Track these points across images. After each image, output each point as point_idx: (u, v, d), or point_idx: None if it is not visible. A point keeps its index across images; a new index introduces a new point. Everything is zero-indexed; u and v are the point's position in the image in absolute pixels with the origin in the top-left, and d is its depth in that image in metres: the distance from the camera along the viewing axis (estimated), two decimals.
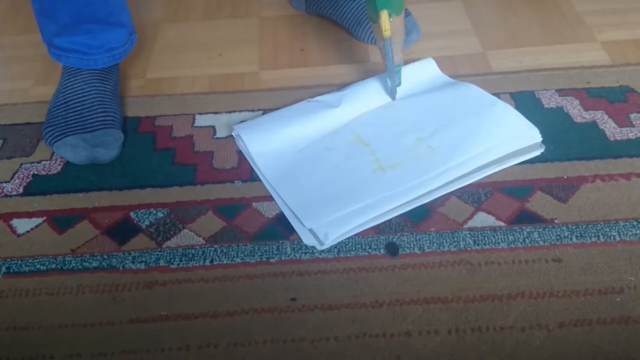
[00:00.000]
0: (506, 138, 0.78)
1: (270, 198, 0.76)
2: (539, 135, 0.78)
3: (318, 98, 0.87)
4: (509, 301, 0.63)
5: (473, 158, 0.76)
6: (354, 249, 0.69)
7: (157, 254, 0.70)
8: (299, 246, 0.70)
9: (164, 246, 0.71)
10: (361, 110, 0.85)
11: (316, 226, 0.70)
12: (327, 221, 0.70)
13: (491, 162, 0.76)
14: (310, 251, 0.69)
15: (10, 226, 0.75)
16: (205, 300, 0.66)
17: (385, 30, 0.79)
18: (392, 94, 0.86)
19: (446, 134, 0.79)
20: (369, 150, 0.79)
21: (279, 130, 0.82)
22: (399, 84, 0.86)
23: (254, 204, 0.75)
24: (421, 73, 0.90)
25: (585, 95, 0.87)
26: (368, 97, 0.86)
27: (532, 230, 0.70)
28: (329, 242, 0.69)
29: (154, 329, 0.63)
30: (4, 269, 0.70)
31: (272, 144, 0.80)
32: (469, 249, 0.69)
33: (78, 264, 0.70)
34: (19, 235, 0.74)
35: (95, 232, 0.73)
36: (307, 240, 0.70)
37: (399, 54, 0.83)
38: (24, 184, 0.80)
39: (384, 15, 0.78)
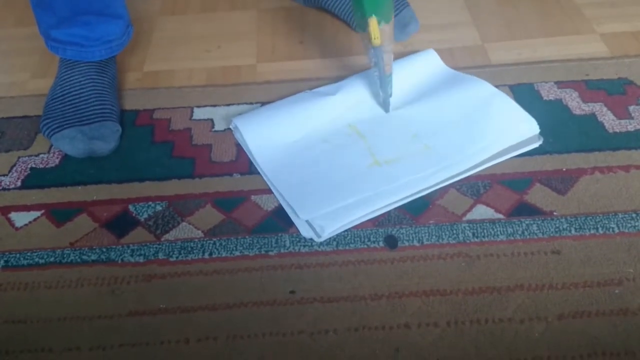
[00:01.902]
0: (504, 133, 0.78)
1: (268, 191, 0.76)
2: (537, 127, 0.78)
3: (316, 89, 0.87)
4: (508, 293, 0.63)
5: (470, 156, 0.76)
6: (352, 241, 0.69)
7: (156, 247, 0.70)
8: (297, 239, 0.70)
9: (162, 239, 0.71)
10: (359, 99, 0.84)
11: (312, 218, 0.70)
12: (323, 214, 0.70)
13: (488, 158, 0.76)
14: (309, 244, 0.69)
15: (9, 219, 0.75)
16: (204, 293, 0.66)
17: (375, 39, 0.75)
18: (385, 106, 0.83)
19: (442, 134, 0.79)
20: (364, 144, 0.79)
21: (276, 121, 0.82)
22: (391, 95, 0.83)
23: (253, 197, 0.75)
24: (422, 65, 0.89)
25: (584, 87, 0.87)
26: (366, 87, 0.86)
27: (531, 222, 0.70)
28: (326, 235, 0.69)
29: (153, 322, 0.63)
30: (2, 262, 0.70)
31: (270, 135, 0.80)
32: (468, 241, 0.69)
33: (77, 257, 0.70)
34: (17, 229, 0.74)
35: (93, 225, 0.73)
36: (305, 232, 0.70)
37: (390, 63, 0.80)
38: (22, 177, 0.80)
39: (373, 22, 0.74)
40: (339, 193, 0.72)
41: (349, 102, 0.84)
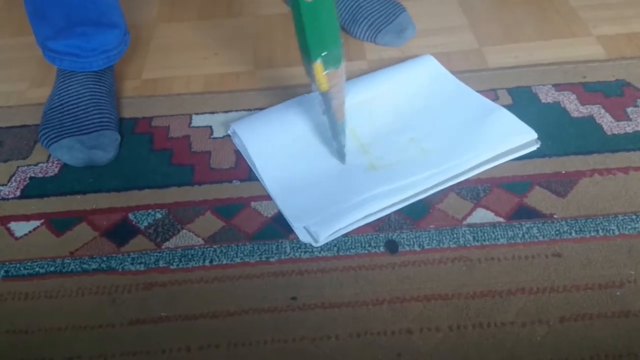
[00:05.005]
0: (500, 139, 0.78)
1: (268, 197, 0.76)
2: (535, 135, 0.78)
3: (314, 93, 0.87)
4: (510, 297, 0.63)
5: (466, 160, 0.76)
6: (353, 247, 0.69)
7: (156, 255, 0.70)
8: (298, 245, 0.70)
9: (163, 247, 0.71)
10: (355, 102, 0.84)
11: (306, 225, 0.70)
12: (317, 220, 0.70)
13: (485, 161, 0.76)
14: (310, 250, 0.69)
15: (8, 229, 0.75)
16: (205, 300, 0.65)
17: (320, 85, 0.70)
18: (340, 156, 0.78)
19: (439, 137, 0.79)
20: (362, 149, 0.79)
21: (273, 125, 0.82)
22: (344, 145, 0.76)
23: (253, 204, 0.75)
24: (420, 71, 0.89)
25: (582, 89, 0.87)
26: (363, 91, 0.85)
27: (532, 225, 0.70)
28: (322, 239, 0.69)
29: (154, 331, 0.63)
30: (2, 272, 0.70)
31: (267, 138, 0.80)
32: (468, 245, 0.69)
33: (77, 266, 0.70)
34: (16, 238, 0.73)
35: (93, 234, 0.73)
36: (304, 237, 0.70)
37: (341, 110, 0.74)
38: (21, 186, 0.80)
39: (318, 67, 0.69)
40: (334, 198, 0.72)
41: (346, 105, 0.84)
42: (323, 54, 0.68)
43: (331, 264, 0.68)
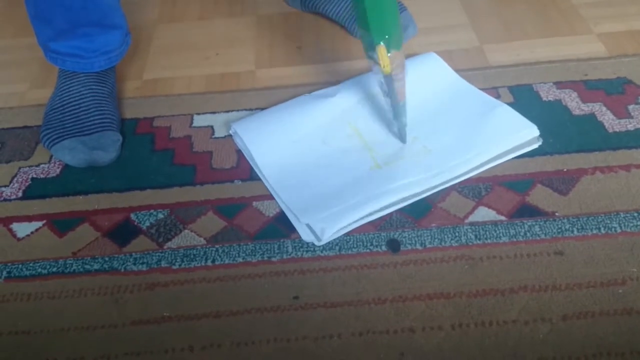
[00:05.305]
0: (503, 137, 0.78)
1: (270, 197, 0.76)
2: (537, 132, 0.78)
3: (315, 92, 0.87)
4: (512, 295, 0.63)
5: (469, 159, 0.76)
6: (355, 246, 0.69)
7: (159, 255, 0.70)
8: (300, 244, 0.70)
9: (165, 247, 0.71)
10: (358, 100, 0.85)
11: (312, 221, 0.70)
12: (323, 217, 0.70)
13: (488, 160, 0.76)
14: (312, 249, 0.69)
15: (10, 230, 0.75)
16: (207, 300, 0.65)
17: (384, 67, 0.72)
18: (401, 136, 0.79)
19: (442, 135, 0.79)
20: (365, 146, 0.79)
21: (275, 124, 0.82)
22: (406, 124, 0.78)
23: (254, 203, 0.75)
24: (423, 68, 0.89)
25: (583, 87, 0.87)
26: (366, 89, 0.86)
27: (534, 223, 0.70)
28: (326, 237, 0.69)
29: (157, 331, 0.63)
30: (4, 273, 0.70)
31: (269, 137, 0.80)
32: (470, 243, 0.69)
33: (79, 266, 0.70)
34: (19, 239, 0.74)
35: (95, 235, 0.73)
36: (306, 236, 0.70)
37: (402, 91, 0.76)
38: (23, 187, 0.80)
39: (382, 50, 0.71)
40: (339, 196, 0.72)
41: (349, 103, 0.85)
42: (386, 37, 0.70)
43: (333, 263, 0.68)
